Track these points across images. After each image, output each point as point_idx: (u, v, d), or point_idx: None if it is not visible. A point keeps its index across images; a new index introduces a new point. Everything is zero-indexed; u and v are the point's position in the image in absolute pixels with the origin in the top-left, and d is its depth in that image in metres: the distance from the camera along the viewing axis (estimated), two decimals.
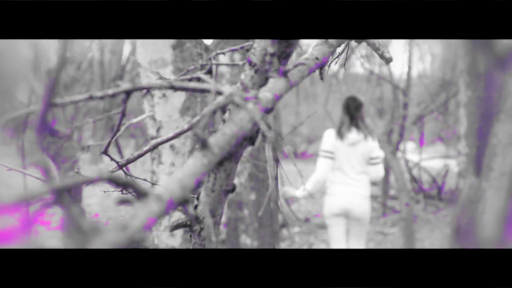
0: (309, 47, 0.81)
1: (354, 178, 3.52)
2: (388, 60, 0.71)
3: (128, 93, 0.51)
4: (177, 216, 0.79)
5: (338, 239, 3.58)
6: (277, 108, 11.85)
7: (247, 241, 4.09)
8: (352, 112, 3.51)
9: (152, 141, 0.71)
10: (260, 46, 0.64)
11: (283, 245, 5.31)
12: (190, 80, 0.65)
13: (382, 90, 9.58)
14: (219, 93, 0.49)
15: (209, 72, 0.96)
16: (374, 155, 3.55)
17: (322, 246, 5.32)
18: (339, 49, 0.92)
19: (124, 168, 0.77)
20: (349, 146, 3.49)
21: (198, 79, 0.65)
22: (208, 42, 2.36)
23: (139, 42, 2.02)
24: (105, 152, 0.69)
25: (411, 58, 6.47)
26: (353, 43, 0.85)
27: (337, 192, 3.53)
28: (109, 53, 8.97)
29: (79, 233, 0.38)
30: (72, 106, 7.75)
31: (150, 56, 1.98)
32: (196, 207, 0.65)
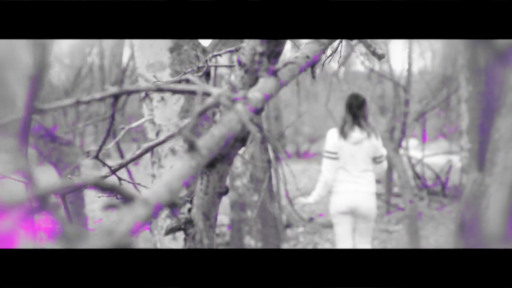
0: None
1: (358, 176, 3.51)
2: (380, 57, 0.71)
3: (116, 96, 0.51)
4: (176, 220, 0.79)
5: (345, 237, 3.58)
6: (279, 109, 11.84)
7: (251, 242, 4.08)
8: (355, 111, 3.50)
9: (144, 145, 0.71)
10: (249, 46, 0.63)
11: (287, 245, 5.30)
12: (179, 82, 0.65)
13: (383, 88, 9.57)
14: (207, 94, 0.49)
15: (207, 74, 0.95)
16: (378, 155, 3.54)
17: (327, 245, 5.31)
18: (334, 47, 0.91)
19: (123, 171, 0.76)
20: (353, 145, 3.48)
21: (188, 81, 0.65)
22: (205, 44, 2.36)
23: (137, 46, 2.02)
24: (97, 157, 0.68)
25: (411, 55, 6.45)
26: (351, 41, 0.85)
27: (343, 191, 3.52)
28: (109, 58, 8.98)
29: (65, 238, 0.37)
30: (74, 111, 7.75)
31: (148, 60, 1.98)
32: (190, 210, 0.64)
